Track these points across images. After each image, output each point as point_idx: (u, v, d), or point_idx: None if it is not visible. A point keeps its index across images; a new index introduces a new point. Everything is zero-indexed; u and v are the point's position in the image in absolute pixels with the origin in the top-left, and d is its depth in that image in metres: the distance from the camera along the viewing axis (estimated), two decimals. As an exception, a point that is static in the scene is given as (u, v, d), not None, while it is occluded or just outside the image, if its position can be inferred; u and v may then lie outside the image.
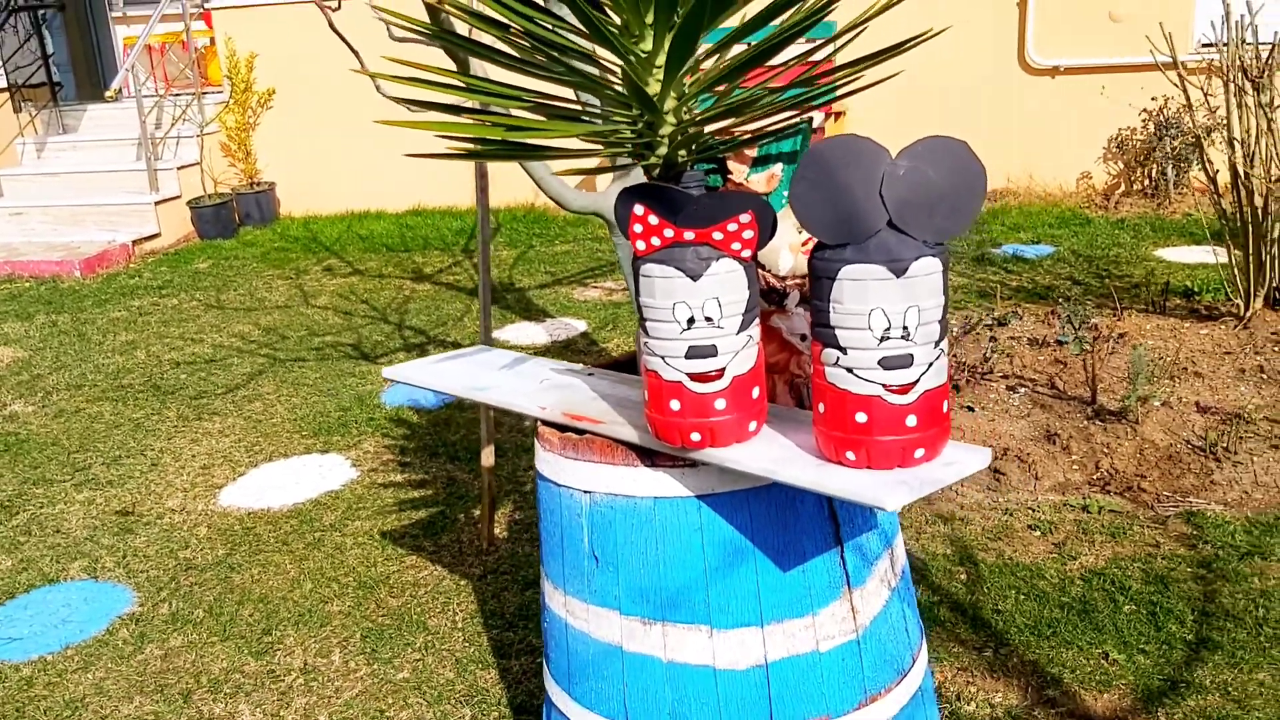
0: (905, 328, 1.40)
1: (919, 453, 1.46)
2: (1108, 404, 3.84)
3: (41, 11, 9.29)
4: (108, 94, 8.00)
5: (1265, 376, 3.96)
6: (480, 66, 2.72)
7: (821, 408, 1.51)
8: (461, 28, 3.26)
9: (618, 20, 1.60)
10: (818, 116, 6.34)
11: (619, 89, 1.68)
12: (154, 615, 3.15)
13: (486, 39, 1.96)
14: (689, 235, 1.50)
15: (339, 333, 5.69)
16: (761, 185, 1.79)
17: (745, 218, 1.47)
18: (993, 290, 5.35)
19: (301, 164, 8.62)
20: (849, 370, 1.44)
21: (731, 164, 1.80)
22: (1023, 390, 4.03)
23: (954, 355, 4.30)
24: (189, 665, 2.90)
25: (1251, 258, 4.38)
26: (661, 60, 1.59)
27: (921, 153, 1.39)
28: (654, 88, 1.62)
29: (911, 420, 1.44)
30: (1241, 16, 4.28)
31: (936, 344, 1.44)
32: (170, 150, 8.52)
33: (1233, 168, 4.32)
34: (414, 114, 1.82)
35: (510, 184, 7.91)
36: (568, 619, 1.89)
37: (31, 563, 3.54)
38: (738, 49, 1.71)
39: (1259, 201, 4.30)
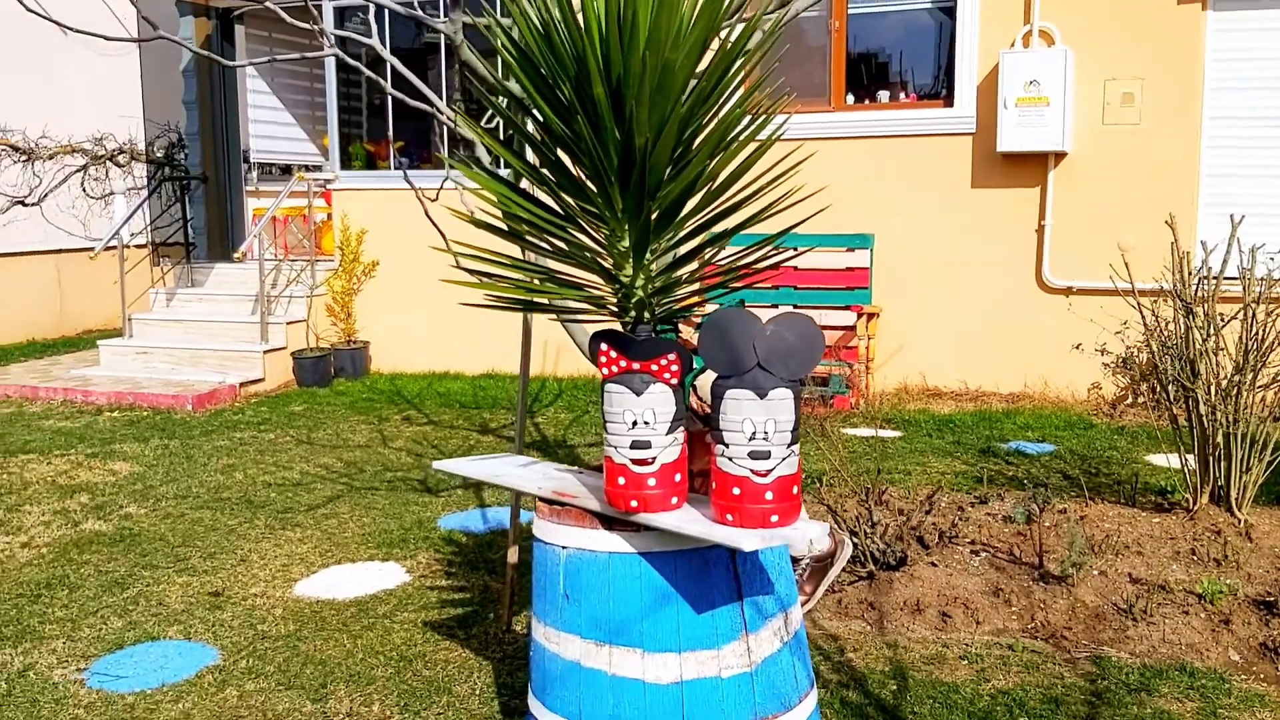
0: (765, 433, 2.16)
1: (774, 518, 2.20)
2: (1053, 570, 4.45)
3: (188, 182, 10.71)
4: (236, 256, 9.23)
5: (1195, 559, 4.54)
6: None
7: (714, 485, 2.26)
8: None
9: (606, 228, 2.45)
10: (850, 316, 7.27)
11: (605, 268, 2.51)
12: (234, 667, 3.89)
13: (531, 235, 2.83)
14: (635, 366, 2.29)
15: (409, 470, 6.52)
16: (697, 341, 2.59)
17: (672, 356, 2.27)
18: (982, 476, 6.00)
19: (394, 327, 9.69)
20: (729, 459, 2.20)
21: (683, 325, 2.60)
22: (983, 555, 4.66)
23: (931, 522, 4.95)
24: (259, 704, 3.61)
25: (1198, 460, 5.01)
26: (632, 254, 2.42)
27: (782, 321, 2.18)
28: (627, 271, 2.45)
29: (769, 495, 2.18)
30: (1187, 253, 5.05)
31: (788, 446, 2.19)
32: (282, 307, 9.66)
33: (1182, 383, 5.01)
34: (473, 279, 2.67)
35: (575, 356, 8.83)
36: (545, 644, 2.60)
37: (138, 624, 4.31)
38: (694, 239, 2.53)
39: (1204, 411, 4.96)
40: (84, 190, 11.78)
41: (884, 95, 8.49)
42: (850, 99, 8.50)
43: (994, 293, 8.11)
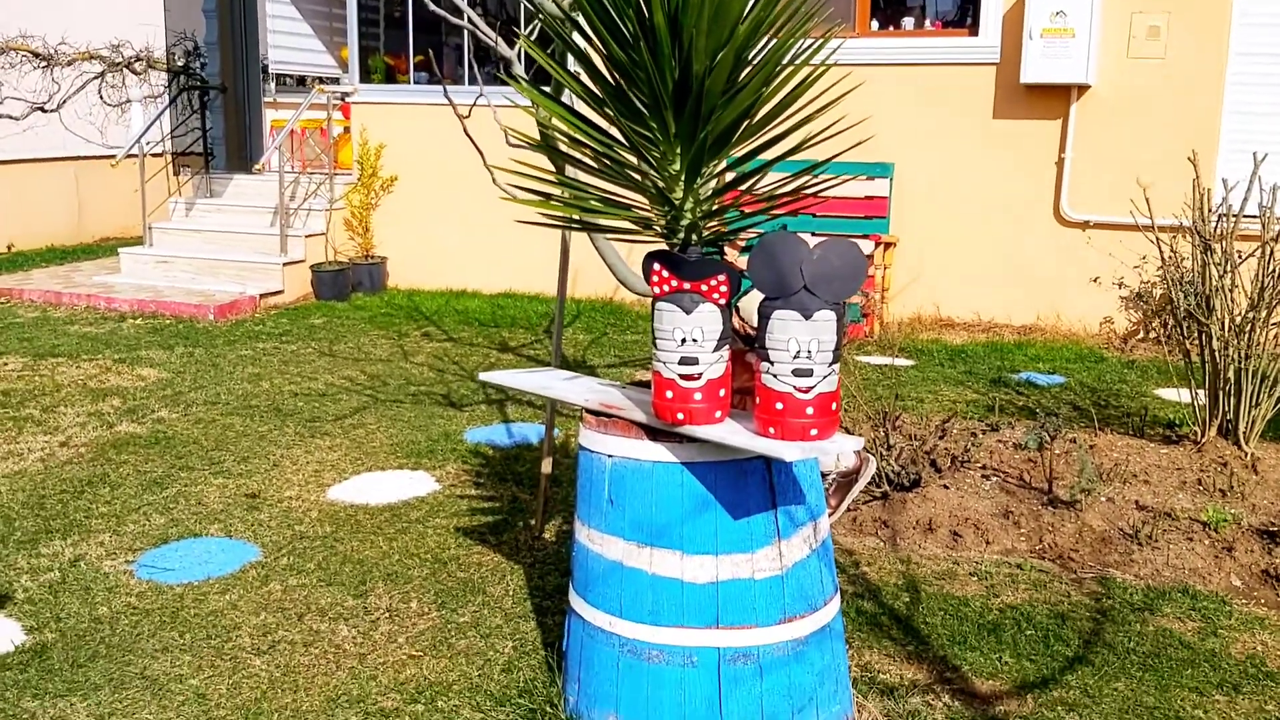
0: (809, 352, 2.28)
1: (814, 432, 2.33)
2: (1061, 495, 4.60)
3: (206, 92, 10.70)
4: (255, 168, 9.28)
5: (1200, 488, 4.69)
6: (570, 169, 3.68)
7: (758, 400, 2.39)
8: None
9: (659, 151, 2.54)
10: (868, 245, 7.37)
11: (659, 190, 2.61)
12: (276, 564, 4.07)
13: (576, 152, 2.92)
14: (686, 285, 2.40)
15: (432, 385, 6.67)
16: (744, 264, 2.69)
17: (721, 278, 2.38)
18: (994, 404, 6.14)
19: (412, 244, 9.77)
20: (774, 375, 2.32)
21: (727, 248, 2.71)
22: (994, 479, 4.81)
23: (944, 447, 5.10)
24: (303, 598, 3.79)
25: (1208, 394, 5.14)
26: (683, 178, 2.52)
27: (828, 246, 2.28)
28: (678, 194, 2.55)
29: (810, 410, 2.31)
30: (1208, 189, 5.12)
31: (830, 365, 2.31)
32: (301, 220, 9.73)
33: (1197, 318, 5.11)
34: (519, 196, 2.77)
35: (592, 279, 8.92)
36: (588, 545, 2.75)
37: (179, 522, 4.49)
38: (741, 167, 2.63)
39: (1217, 346, 5.08)
40: (101, 98, 11.76)
41: (908, 22, 8.46)
42: (875, 24, 8.48)
43: (1011, 225, 8.17)
